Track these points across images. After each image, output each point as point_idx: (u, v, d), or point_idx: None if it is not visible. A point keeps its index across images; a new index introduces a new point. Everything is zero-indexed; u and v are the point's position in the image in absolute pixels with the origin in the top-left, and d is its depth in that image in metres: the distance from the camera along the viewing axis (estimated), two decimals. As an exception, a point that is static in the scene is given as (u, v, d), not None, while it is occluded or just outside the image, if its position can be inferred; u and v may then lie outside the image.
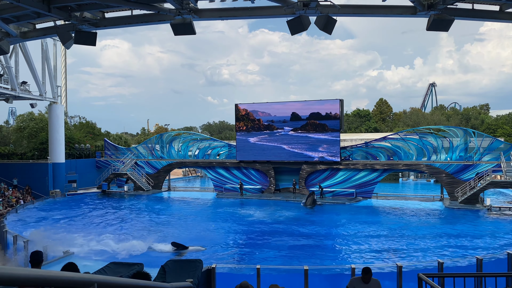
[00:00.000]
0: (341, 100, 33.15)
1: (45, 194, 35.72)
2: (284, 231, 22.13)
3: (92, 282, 2.63)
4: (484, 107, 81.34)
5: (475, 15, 9.94)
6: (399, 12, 10.19)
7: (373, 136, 43.60)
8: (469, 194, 28.47)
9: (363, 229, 22.49)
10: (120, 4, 10.09)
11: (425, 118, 71.17)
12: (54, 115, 37.99)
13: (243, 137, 36.03)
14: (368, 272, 6.56)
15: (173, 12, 10.01)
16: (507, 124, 60.29)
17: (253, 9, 10.36)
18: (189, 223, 25.02)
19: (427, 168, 31.37)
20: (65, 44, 11.15)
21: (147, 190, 38.02)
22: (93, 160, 42.37)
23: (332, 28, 9.53)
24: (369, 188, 32.90)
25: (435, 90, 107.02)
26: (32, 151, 42.26)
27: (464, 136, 30.85)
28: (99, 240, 19.67)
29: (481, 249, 17.79)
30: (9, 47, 12.34)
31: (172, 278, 7.52)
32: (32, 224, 24.70)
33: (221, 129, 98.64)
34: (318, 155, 33.61)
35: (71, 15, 10.43)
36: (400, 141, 32.73)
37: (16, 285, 2.04)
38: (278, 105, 35.23)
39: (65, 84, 48.14)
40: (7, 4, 10.22)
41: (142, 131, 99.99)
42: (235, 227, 23.78)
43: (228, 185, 37.10)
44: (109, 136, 58.93)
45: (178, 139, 40.20)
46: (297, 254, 17.68)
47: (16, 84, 32.42)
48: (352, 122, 74.82)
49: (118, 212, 28.95)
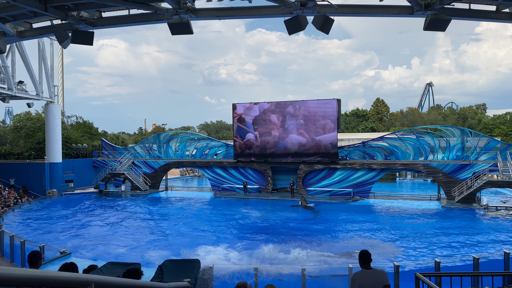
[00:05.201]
0: (338, 100, 33.18)
1: (42, 194, 35.58)
2: (284, 231, 22.14)
3: (89, 282, 2.62)
4: (481, 106, 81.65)
5: (472, 15, 9.97)
6: (396, 12, 10.21)
7: (370, 136, 43.67)
8: (466, 194, 28.57)
9: (360, 229, 22.54)
10: (117, 3, 10.06)
11: (422, 117, 71.35)
12: (51, 115, 37.87)
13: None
14: (367, 259, 5.49)
15: (170, 11, 9.99)
16: (504, 124, 60.55)
17: (251, 9, 10.35)
18: (189, 223, 24.98)
19: (424, 168, 31.45)
20: (62, 44, 11.11)
21: (144, 190, 37.94)
22: (90, 160, 42.24)
23: (329, 28, 9.53)
24: (366, 188, 32.95)
25: (432, 90, 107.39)
26: (29, 150, 42.10)
27: (461, 135, 30.94)
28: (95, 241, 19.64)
29: (478, 248, 17.85)
30: (5, 46, 12.30)
31: (169, 278, 7.53)
32: (29, 224, 24.62)
33: (218, 129, 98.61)
34: (316, 155, 33.63)
35: (68, 14, 10.39)
36: (397, 141, 32.80)
37: (13, 285, 2.04)
38: (275, 105, 35.17)
39: (62, 83, 47.98)
40: (4, 3, 10.18)
41: (140, 130, 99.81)
42: (234, 227, 23.76)
43: (226, 185, 37.07)
44: (106, 136, 58.82)
45: (175, 138, 40.14)
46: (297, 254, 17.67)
47: (13, 83, 32.29)
48: (350, 122, 74.96)
49: (115, 212, 28.88)
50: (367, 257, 5.49)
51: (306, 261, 15.77)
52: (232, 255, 17.60)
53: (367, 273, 5.43)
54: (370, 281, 5.35)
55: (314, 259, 16.33)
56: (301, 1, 9.32)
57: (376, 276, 5.40)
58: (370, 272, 5.42)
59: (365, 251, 5.57)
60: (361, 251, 5.59)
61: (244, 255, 17.42)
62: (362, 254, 5.53)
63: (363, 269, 5.49)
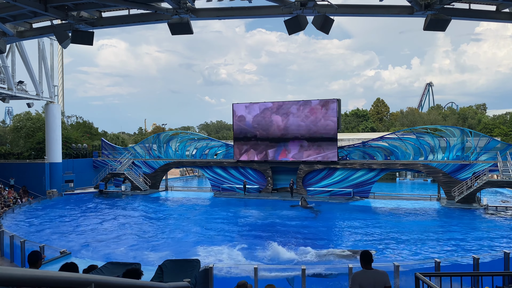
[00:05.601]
0: (338, 100, 33.17)
1: (42, 194, 35.57)
2: (284, 231, 22.14)
3: (90, 282, 2.62)
4: (481, 106, 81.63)
5: (472, 15, 9.98)
6: (396, 12, 10.21)
7: (370, 136, 43.66)
8: (466, 194, 28.57)
9: (359, 228, 22.54)
10: (117, 3, 10.06)
11: (422, 117, 71.34)
12: (51, 115, 37.87)
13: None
14: (369, 259, 5.46)
15: (170, 11, 10.00)
16: (504, 124, 60.54)
17: (251, 9, 10.36)
18: (189, 223, 24.99)
19: (424, 168, 31.45)
20: (62, 44, 11.12)
21: (144, 190, 37.95)
22: (90, 160, 42.23)
23: (329, 28, 9.53)
24: (366, 188, 32.95)
25: (432, 90, 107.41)
26: (29, 150, 42.09)
27: (461, 135, 30.94)
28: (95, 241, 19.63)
29: (478, 248, 17.86)
30: (5, 46, 12.30)
31: (169, 278, 7.52)
32: (29, 224, 24.62)
33: (218, 129, 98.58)
34: (316, 155, 33.63)
35: (68, 14, 10.40)
36: (397, 141, 32.79)
37: (13, 285, 2.04)
38: (275, 105, 35.15)
39: (62, 83, 48.02)
40: (4, 3, 10.18)
41: (140, 130, 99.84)
42: (234, 227, 23.77)
43: (226, 185, 37.06)
44: (106, 136, 58.81)
45: (175, 138, 40.14)
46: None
47: (13, 83, 32.29)
48: (350, 122, 74.97)
49: (115, 212, 28.88)
50: (368, 257, 5.44)
51: (306, 261, 15.77)
52: (232, 255, 17.59)
53: (368, 273, 5.37)
54: (371, 281, 5.29)
55: (313, 259, 16.34)
56: (301, 1, 9.32)
57: (377, 276, 5.35)
58: (371, 273, 5.37)
59: (366, 251, 5.54)
60: (362, 251, 5.56)
61: (244, 255, 17.42)
62: (363, 254, 5.50)
63: (364, 269, 5.44)
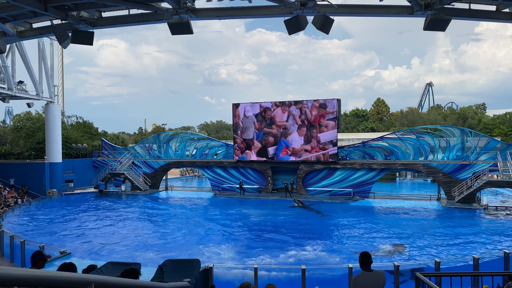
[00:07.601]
0: (338, 100, 33.17)
1: (42, 194, 35.58)
2: (284, 230, 22.13)
3: (89, 282, 2.62)
4: (481, 106, 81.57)
5: (472, 15, 9.97)
6: (396, 12, 10.21)
7: (370, 136, 43.64)
8: (466, 194, 28.57)
9: (360, 228, 22.53)
10: (117, 3, 10.06)
11: (422, 117, 71.30)
12: (51, 115, 37.87)
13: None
14: (368, 260, 5.45)
15: (170, 11, 10.00)
16: (504, 124, 60.51)
17: (251, 9, 10.36)
18: (189, 223, 24.98)
19: (424, 168, 31.45)
20: (62, 44, 11.11)
21: (144, 189, 37.95)
22: (90, 160, 42.23)
23: (329, 27, 9.53)
24: (366, 188, 32.95)
25: (432, 90, 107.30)
26: (29, 150, 42.10)
27: (461, 135, 30.93)
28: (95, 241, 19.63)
29: (478, 248, 17.86)
30: (5, 46, 12.30)
31: (169, 278, 7.52)
32: (29, 224, 24.62)
33: (218, 129, 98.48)
34: (316, 155, 33.63)
35: (68, 14, 10.39)
36: (397, 141, 32.79)
37: (13, 285, 2.04)
38: (275, 105, 35.13)
39: (62, 83, 48.03)
40: (4, 3, 10.18)
41: (140, 130, 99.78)
42: (234, 227, 23.76)
43: (226, 185, 37.06)
44: (106, 136, 58.81)
45: (175, 138, 40.13)
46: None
47: (13, 83, 32.29)
48: (350, 122, 74.92)
49: (115, 212, 28.88)
50: (367, 259, 5.41)
51: (306, 261, 15.78)
52: (232, 254, 17.60)
53: (368, 275, 5.37)
54: (371, 283, 5.29)
55: (314, 258, 16.34)
56: (301, 1, 9.32)
57: (376, 278, 5.36)
58: (370, 274, 5.36)
59: (365, 252, 5.51)
60: (362, 252, 5.54)
61: (245, 254, 17.43)
62: (362, 256, 5.47)
63: (363, 271, 5.43)
